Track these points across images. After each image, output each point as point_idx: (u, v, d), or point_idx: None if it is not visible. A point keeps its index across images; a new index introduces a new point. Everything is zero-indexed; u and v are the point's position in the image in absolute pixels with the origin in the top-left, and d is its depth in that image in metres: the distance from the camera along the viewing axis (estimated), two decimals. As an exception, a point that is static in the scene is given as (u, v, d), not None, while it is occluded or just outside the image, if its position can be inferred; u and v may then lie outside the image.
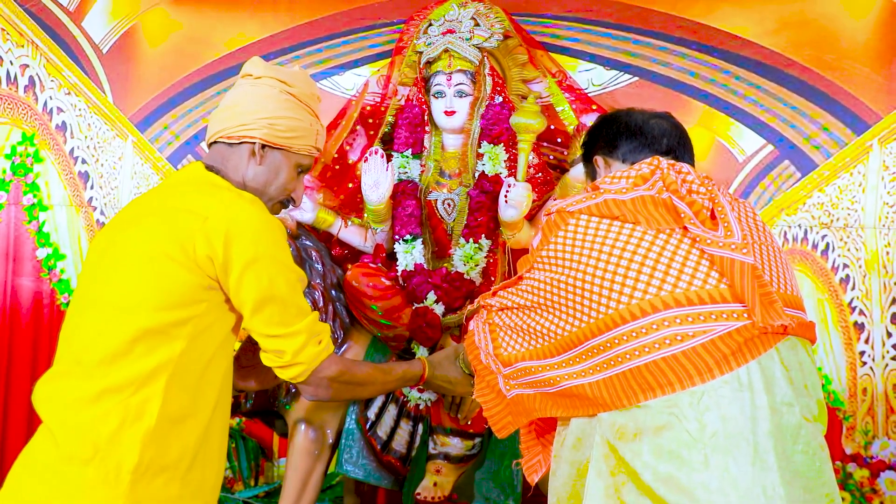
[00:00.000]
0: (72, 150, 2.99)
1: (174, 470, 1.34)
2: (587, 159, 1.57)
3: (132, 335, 1.33)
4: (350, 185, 2.41)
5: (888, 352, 2.29)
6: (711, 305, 1.23)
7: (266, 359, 1.44)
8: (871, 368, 2.30)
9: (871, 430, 2.30)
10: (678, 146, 1.47)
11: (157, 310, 1.35)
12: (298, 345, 1.40)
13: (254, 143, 1.49)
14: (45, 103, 3.00)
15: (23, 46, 2.97)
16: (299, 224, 2.26)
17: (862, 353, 2.30)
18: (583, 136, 1.61)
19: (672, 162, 1.39)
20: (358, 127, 2.48)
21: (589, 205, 1.37)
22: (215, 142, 1.52)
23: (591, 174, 1.56)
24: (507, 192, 2.07)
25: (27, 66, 2.98)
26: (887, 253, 2.29)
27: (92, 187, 2.96)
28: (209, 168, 1.50)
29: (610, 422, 1.25)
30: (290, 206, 1.59)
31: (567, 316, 1.33)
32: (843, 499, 2.29)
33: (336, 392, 1.49)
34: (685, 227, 1.29)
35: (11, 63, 2.98)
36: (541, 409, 1.39)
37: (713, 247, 1.26)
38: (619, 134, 1.50)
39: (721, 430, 1.18)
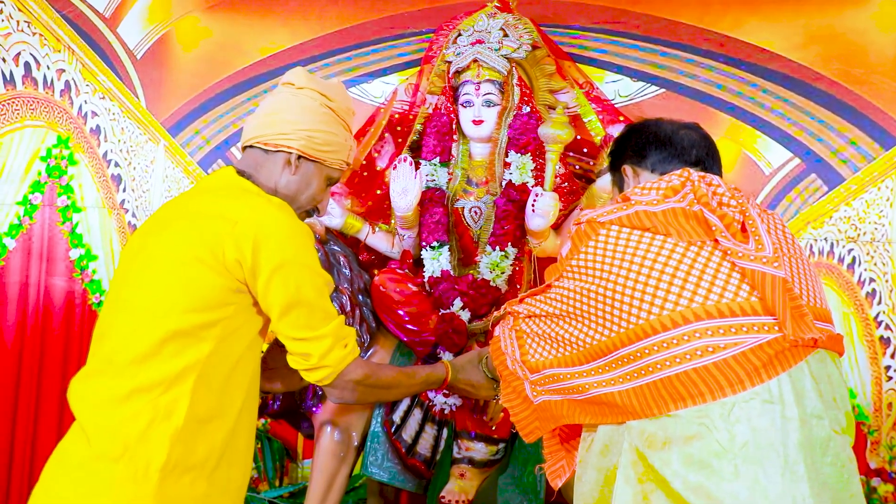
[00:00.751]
0: (105, 154, 3.06)
1: (201, 469, 1.37)
2: (614, 168, 1.58)
3: (162, 336, 1.36)
4: (378, 192, 2.44)
5: (914, 367, 2.28)
6: (742, 318, 1.24)
7: (293, 361, 1.46)
8: (896, 383, 2.30)
9: (895, 446, 2.29)
10: (707, 157, 1.48)
11: (187, 312, 1.37)
12: (325, 348, 1.42)
13: (291, 153, 1.51)
14: (80, 107, 3.07)
15: (59, 51, 3.04)
16: (328, 229, 2.30)
17: (888, 367, 2.30)
18: (610, 146, 1.62)
19: (702, 174, 1.40)
20: (386, 134, 2.52)
21: (620, 216, 1.37)
22: (251, 146, 1.55)
23: (619, 183, 1.56)
24: (535, 201, 2.09)
25: (63, 70, 3.05)
26: (914, 268, 2.29)
27: (124, 190, 3.02)
28: (240, 173, 1.52)
29: (639, 430, 1.26)
30: (315, 215, 1.62)
31: (597, 325, 1.34)
32: (866, 513, 2.28)
33: (361, 395, 1.51)
34: (716, 240, 1.30)
35: (48, 68, 3.05)
36: (569, 415, 1.40)
37: (745, 260, 1.27)
38: (647, 144, 1.51)
39: (752, 441, 1.19)
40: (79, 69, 3.07)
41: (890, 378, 2.30)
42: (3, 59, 3.03)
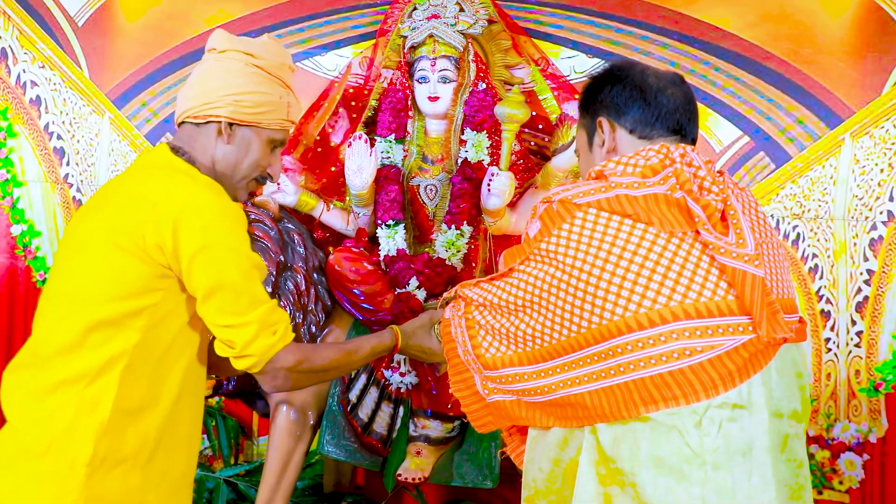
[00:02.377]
0: (46, 126, 2.94)
1: (133, 461, 1.33)
2: (586, 110, 1.41)
3: (85, 326, 1.32)
4: (332, 169, 2.41)
5: (852, 339, 2.37)
6: (719, 318, 1.19)
7: (219, 348, 1.39)
8: (835, 355, 2.39)
9: (833, 414, 2.39)
10: (688, 122, 1.36)
11: (110, 301, 1.32)
12: (250, 335, 1.34)
13: (220, 121, 1.43)
14: (19, 76, 2.94)
15: (-4, 22, 2.90)
16: (281, 207, 2.27)
17: (827, 339, 2.39)
18: (586, 85, 1.43)
19: (682, 151, 1.29)
20: (340, 109, 2.48)
21: (599, 198, 1.25)
22: (183, 122, 1.47)
23: (589, 134, 1.40)
24: (490, 181, 2.09)
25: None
26: (854, 244, 2.37)
27: (68, 164, 2.92)
28: (175, 149, 1.44)
29: (607, 432, 1.22)
30: (269, 183, 1.54)
31: (563, 318, 1.25)
32: (805, 479, 2.39)
33: (296, 381, 1.44)
34: (697, 232, 1.22)
35: (-20, 37, 2.91)
36: (527, 417, 1.33)
37: (726, 257, 1.20)
38: (631, 99, 1.35)
39: (722, 447, 1.17)
40: (16, 36, 2.93)
41: (829, 350, 2.39)
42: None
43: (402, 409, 2.14)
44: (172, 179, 1.38)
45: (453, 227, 2.18)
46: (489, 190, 2.10)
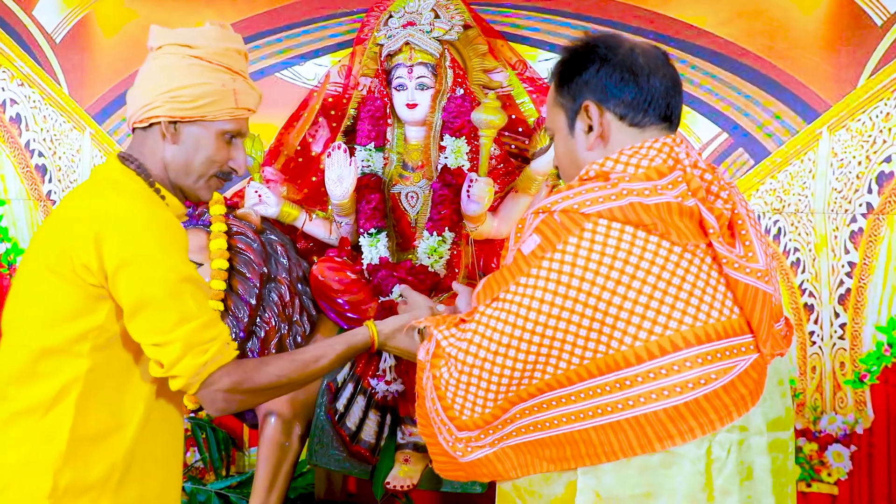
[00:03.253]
0: (27, 143, 2.94)
1: (102, 488, 1.29)
2: (565, 89, 1.24)
3: (31, 355, 1.28)
4: (314, 179, 2.42)
5: (835, 332, 2.39)
6: (728, 340, 1.11)
7: (151, 368, 1.30)
8: (819, 348, 2.41)
9: (819, 406, 2.41)
10: (676, 107, 1.24)
11: (49, 327, 1.28)
12: (174, 356, 1.26)
13: (160, 122, 1.35)
14: (-2, 95, 2.94)
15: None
16: (264, 218, 2.27)
17: (811, 333, 2.40)
18: (562, 59, 1.27)
19: (686, 150, 1.19)
20: (320, 119, 2.48)
21: (611, 207, 1.12)
22: (134, 129, 1.41)
23: (568, 114, 1.24)
24: (470, 187, 2.10)
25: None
26: (835, 237, 2.38)
27: (50, 181, 2.92)
28: (125, 159, 1.37)
29: (611, 473, 1.12)
30: (235, 176, 1.45)
31: (577, 346, 1.11)
32: (793, 472, 2.40)
33: (241, 403, 1.33)
34: (709, 244, 1.12)
35: (-39, 53, 2.91)
36: (514, 467, 1.19)
37: (739, 272, 1.11)
38: (622, 81, 1.20)
39: (731, 471, 1.12)
40: (-7, 54, 2.93)
41: (814, 343, 2.41)
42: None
43: (389, 418, 2.14)
44: (97, 194, 1.32)
45: (435, 233, 2.18)
46: (469, 196, 2.10)
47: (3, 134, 2.95)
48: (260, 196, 2.27)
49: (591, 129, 1.22)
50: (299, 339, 2.18)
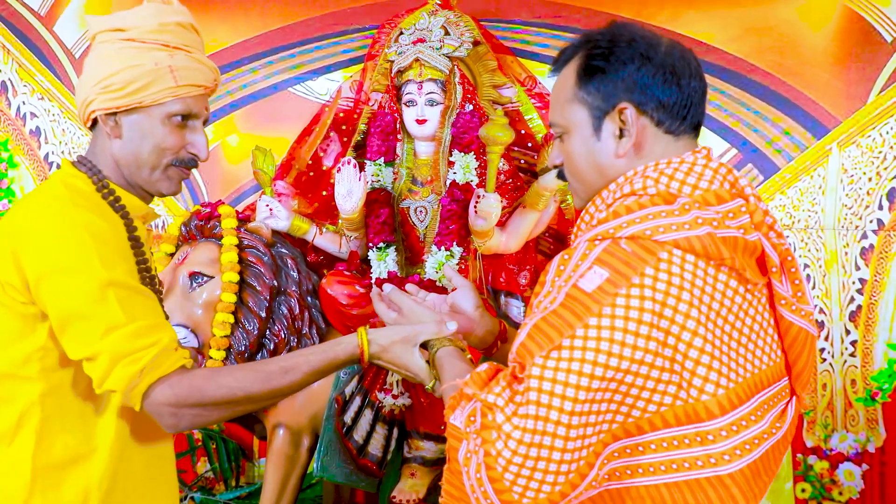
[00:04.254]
0: (46, 156, 3.00)
1: None
2: (593, 86, 1.08)
3: None
4: (324, 193, 2.45)
5: (846, 349, 2.37)
6: (773, 386, 1.03)
7: (95, 386, 1.19)
8: (830, 365, 2.39)
9: (830, 424, 2.39)
10: (703, 114, 1.12)
11: None
12: (102, 369, 1.14)
13: (96, 116, 1.26)
14: (19, 108, 3.00)
15: (-8, 54, 2.97)
16: (275, 232, 2.30)
17: (822, 350, 2.39)
18: (591, 49, 1.10)
19: (741, 176, 1.09)
20: (332, 133, 2.51)
21: (688, 236, 0.97)
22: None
23: (594, 113, 1.08)
24: (477, 203, 2.12)
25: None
26: (846, 253, 2.37)
27: (68, 193, 2.97)
28: (78, 162, 1.28)
29: None
30: (200, 161, 1.31)
31: (650, 392, 0.97)
32: (803, 489, 2.39)
33: (194, 419, 1.18)
34: (769, 283, 1.03)
35: (-18, 67, 2.98)
36: None
37: (795, 314, 1.03)
38: (665, 83, 1.06)
39: None
40: (15, 69, 2.99)
41: (824, 360, 2.40)
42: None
43: (396, 431, 2.16)
44: (20, 205, 1.24)
45: (443, 248, 2.20)
46: (476, 212, 2.12)
47: (24, 147, 3.02)
48: (271, 210, 2.30)
49: (621, 133, 1.08)
50: (308, 351, 2.21)
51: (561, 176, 1.17)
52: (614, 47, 1.08)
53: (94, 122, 1.28)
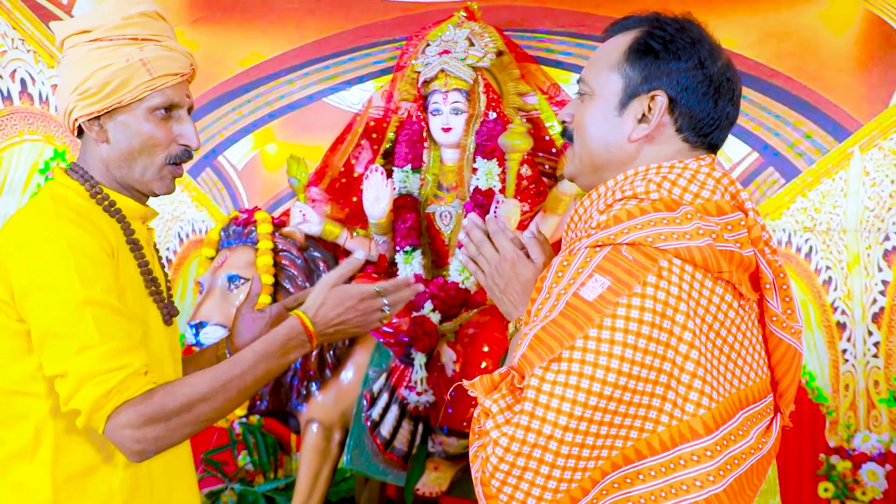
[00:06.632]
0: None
1: None
2: (642, 63, 1.04)
3: (2, 397, 1.20)
4: (355, 199, 2.56)
5: (869, 350, 2.38)
6: (759, 403, 1.01)
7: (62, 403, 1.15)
8: (852, 366, 2.41)
9: (853, 424, 2.40)
10: (724, 139, 1.12)
11: None
12: (70, 387, 1.11)
13: (79, 124, 1.23)
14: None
15: (53, 67, 3.16)
16: (308, 236, 2.42)
17: (844, 350, 2.40)
18: (660, 27, 1.06)
19: (742, 189, 1.07)
20: (363, 141, 2.63)
21: (689, 246, 0.95)
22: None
23: (627, 90, 1.05)
24: (496, 208, 2.20)
25: (57, 85, 3.18)
26: (868, 255, 2.38)
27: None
28: (71, 170, 1.26)
29: None
30: (195, 148, 1.27)
31: (646, 410, 0.95)
32: (826, 489, 2.41)
33: (158, 441, 1.13)
34: (761, 298, 1.01)
35: (43, 83, 3.17)
36: None
37: (785, 331, 1.01)
38: (704, 96, 1.03)
39: None
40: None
41: (846, 361, 2.41)
42: (1, 77, 3.16)
43: (421, 427, 2.26)
44: (11, 219, 1.22)
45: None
46: (495, 216, 2.20)
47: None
48: (304, 215, 2.43)
49: (641, 119, 1.05)
50: (337, 350, 2.32)
51: (565, 134, 1.15)
52: (677, 38, 1.04)
53: (81, 129, 1.25)
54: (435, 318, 2.24)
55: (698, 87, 1.03)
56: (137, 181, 1.26)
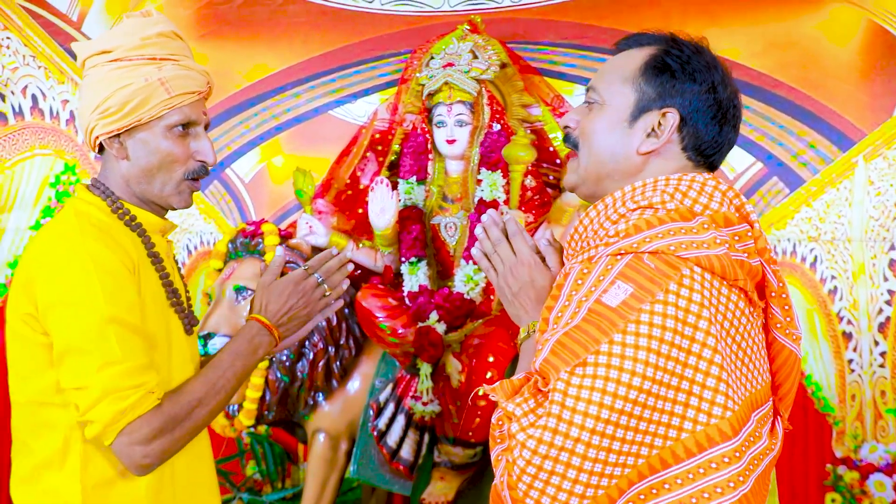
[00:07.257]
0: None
1: None
2: (659, 81, 1.07)
3: (30, 407, 1.25)
4: (360, 210, 2.58)
5: (875, 359, 2.38)
6: (762, 408, 1.03)
7: (72, 411, 1.20)
8: (859, 376, 2.40)
9: (860, 435, 2.40)
10: (721, 162, 1.16)
11: (24, 380, 1.24)
12: (91, 399, 1.16)
13: (100, 142, 1.28)
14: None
15: (63, 83, 3.21)
16: (314, 247, 2.44)
17: (850, 360, 2.40)
18: (679, 49, 1.10)
19: (747, 201, 1.10)
20: (368, 153, 2.65)
21: (709, 255, 0.97)
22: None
23: (640, 104, 1.07)
24: (501, 219, 2.22)
25: (67, 101, 3.22)
26: (873, 265, 2.38)
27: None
28: (92, 186, 1.30)
29: None
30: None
31: (669, 416, 0.95)
32: (833, 500, 2.40)
33: (163, 453, 1.19)
34: (767, 306, 1.05)
35: (54, 99, 3.22)
36: None
37: (788, 338, 1.05)
38: (712, 119, 1.07)
39: None
40: (79, 96, 3.23)
41: (852, 371, 2.40)
42: (13, 93, 3.20)
43: (427, 437, 2.27)
44: (36, 235, 1.27)
45: (471, 262, 2.31)
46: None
47: (89, 170, 3.25)
48: (311, 227, 2.45)
49: (650, 134, 1.08)
50: (344, 360, 2.34)
51: (567, 140, 1.16)
52: (693, 60, 1.08)
53: (101, 146, 1.30)
54: (440, 328, 2.25)
55: (708, 111, 1.07)
56: (157, 196, 1.31)
